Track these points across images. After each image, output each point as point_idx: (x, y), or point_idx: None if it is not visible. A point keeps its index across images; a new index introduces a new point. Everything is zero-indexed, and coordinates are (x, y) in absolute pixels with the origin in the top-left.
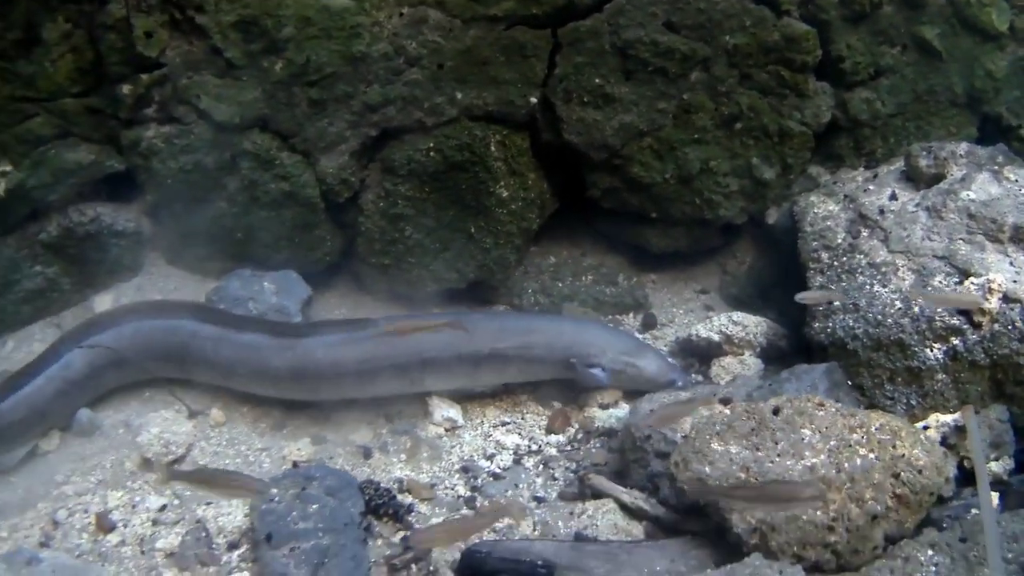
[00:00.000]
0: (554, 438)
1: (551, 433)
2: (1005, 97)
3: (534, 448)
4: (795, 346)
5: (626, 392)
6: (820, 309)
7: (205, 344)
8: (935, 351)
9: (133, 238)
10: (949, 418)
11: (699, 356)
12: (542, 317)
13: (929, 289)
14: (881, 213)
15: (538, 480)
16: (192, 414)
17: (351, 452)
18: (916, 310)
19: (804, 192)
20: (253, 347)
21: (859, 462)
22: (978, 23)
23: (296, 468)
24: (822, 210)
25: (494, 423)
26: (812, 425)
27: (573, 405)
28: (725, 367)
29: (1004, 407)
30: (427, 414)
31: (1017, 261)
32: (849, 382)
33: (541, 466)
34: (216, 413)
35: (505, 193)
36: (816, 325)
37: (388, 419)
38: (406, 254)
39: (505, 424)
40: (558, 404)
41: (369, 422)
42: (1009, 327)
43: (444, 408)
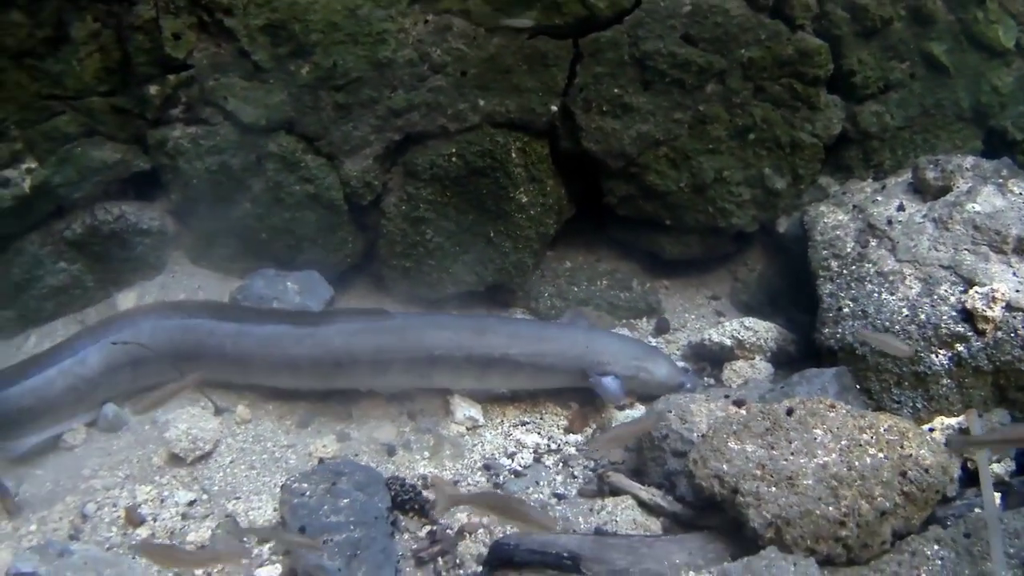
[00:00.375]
0: (573, 437)
1: (570, 433)
2: (1010, 112)
3: (553, 447)
4: (804, 351)
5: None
6: (830, 315)
7: (224, 340)
8: (940, 357)
9: (157, 237)
10: (953, 421)
11: (711, 360)
12: (555, 326)
13: (934, 297)
14: (889, 223)
15: (558, 478)
16: (218, 411)
17: (375, 449)
18: (923, 317)
19: (814, 202)
20: (273, 338)
21: (869, 461)
22: (985, 40)
23: (324, 464)
24: (832, 220)
25: (514, 423)
26: (824, 426)
27: (591, 406)
28: (736, 371)
29: (1006, 411)
30: (449, 413)
31: (1020, 271)
32: (857, 386)
33: (561, 464)
34: (242, 410)
35: (524, 199)
36: (826, 331)
37: (411, 417)
38: (427, 257)
39: (525, 424)
40: (576, 405)
41: (392, 420)
42: (1012, 335)
43: (466, 407)
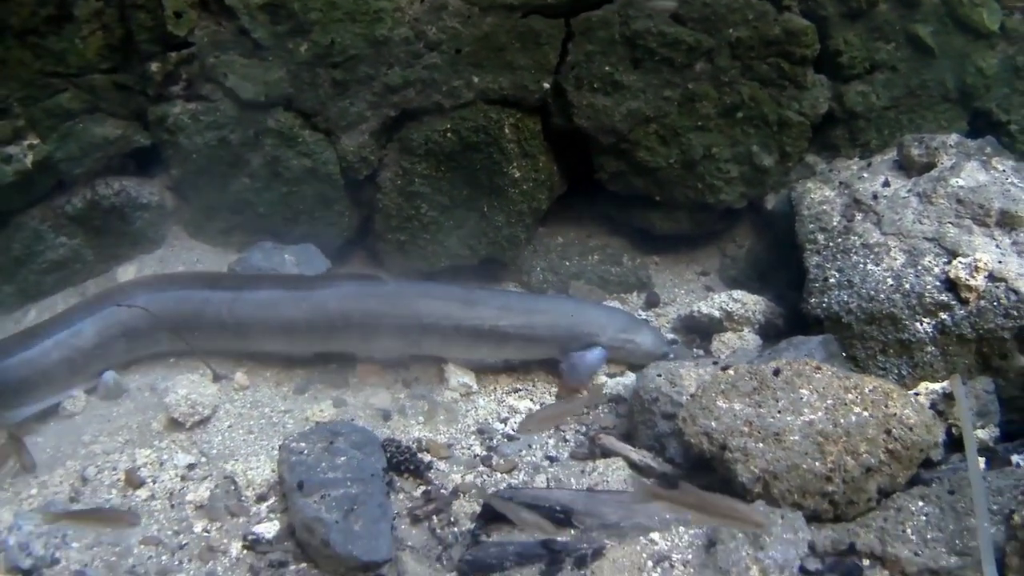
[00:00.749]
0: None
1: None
2: (995, 93)
3: None
4: (791, 324)
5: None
6: (816, 285)
7: (220, 308)
8: (925, 325)
9: (157, 211)
10: (938, 386)
11: (700, 332)
12: (544, 298)
13: (919, 268)
14: (874, 198)
15: (550, 441)
16: (217, 378)
17: (371, 415)
18: (907, 287)
19: (801, 179)
20: (268, 302)
21: (854, 419)
22: (970, 22)
23: (321, 425)
24: (818, 195)
25: (507, 390)
26: (810, 386)
27: None
28: (725, 342)
29: (990, 379)
30: (443, 380)
31: (1003, 243)
32: (844, 353)
33: (553, 429)
34: (240, 377)
35: (517, 174)
36: (813, 300)
37: (406, 384)
38: (421, 231)
39: (517, 391)
40: None
41: (388, 387)
42: (994, 303)
43: (460, 375)
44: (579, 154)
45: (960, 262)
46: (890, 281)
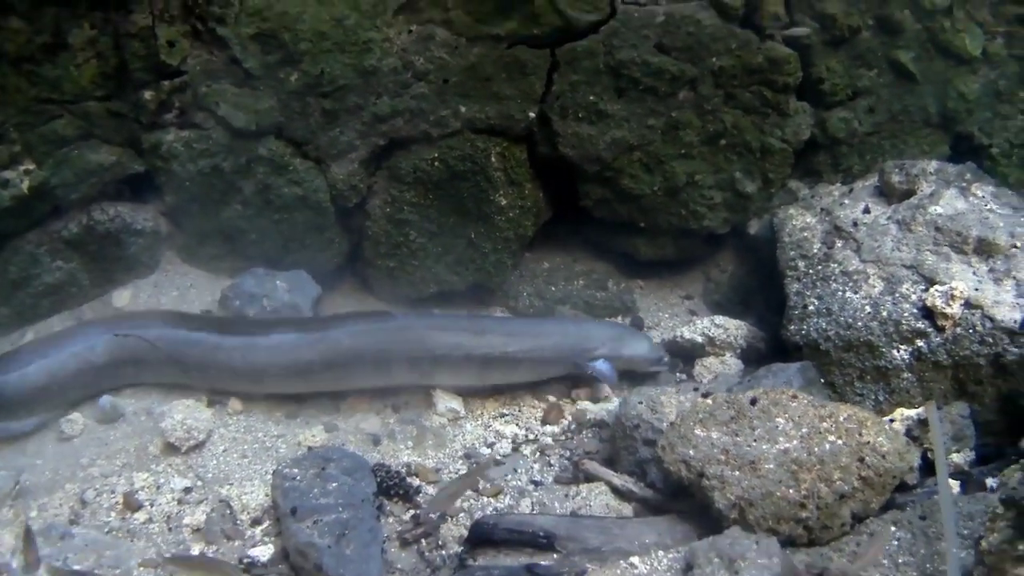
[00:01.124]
0: (549, 428)
1: (546, 424)
2: (977, 118)
3: (531, 437)
4: (773, 349)
5: (618, 384)
6: (796, 312)
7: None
8: (901, 352)
9: (151, 237)
10: (913, 412)
11: (683, 356)
12: (546, 321)
13: (896, 295)
14: (855, 225)
15: (535, 466)
16: (211, 403)
17: (361, 439)
18: (884, 314)
19: (784, 205)
20: (281, 346)
21: (828, 447)
22: (952, 48)
23: (313, 451)
24: (800, 222)
25: (493, 415)
26: (786, 414)
27: (567, 399)
28: (707, 367)
29: (965, 404)
30: (431, 405)
31: (980, 271)
32: (822, 380)
33: (538, 453)
34: (234, 402)
35: (504, 201)
36: (792, 327)
37: (395, 410)
38: (410, 257)
39: (504, 416)
40: (553, 398)
41: (377, 412)
42: (970, 331)
43: (447, 400)
44: (564, 182)
45: (937, 290)
46: (868, 309)
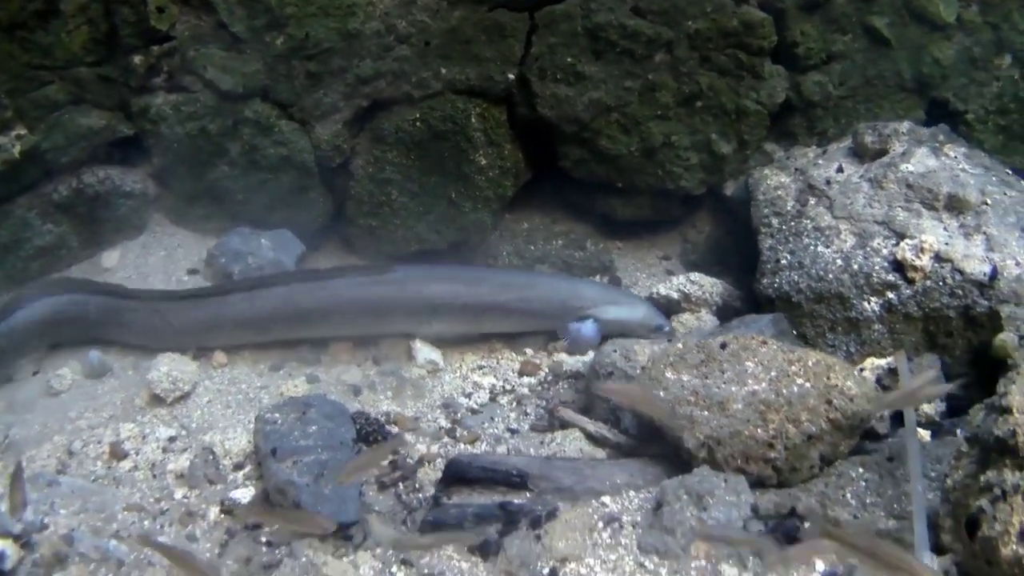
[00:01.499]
0: (526, 380)
1: (523, 376)
2: (952, 83)
3: (508, 388)
4: (749, 306)
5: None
6: (768, 266)
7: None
8: (872, 304)
9: (139, 198)
10: (883, 361)
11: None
12: (539, 274)
13: (867, 249)
14: (828, 183)
15: (512, 415)
16: (196, 356)
17: (342, 390)
18: (855, 267)
19: (759, 167)
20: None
21: (796, 389)
22: (926, 14)
23: (294, 398)
24: (774, 181)
25: (472, 367)
26: (755, 359)
27: (543, 352)
28: (683, 323)
29: (936, 356)
30: (411, 358)
31: (950, 226)
32: (794, 331)
33: (514, 403)
34: (218, 355)
35: (484, 161)
36: (764, 281)
37: (376, 362)
38: (392, 216)
39: (482, 368)
40: (530, 351)
41: (358, 364)
42: (940, 283)
43: (427, 352)
44: (543, 143)
45: (907, 244)
46: (839, 262)
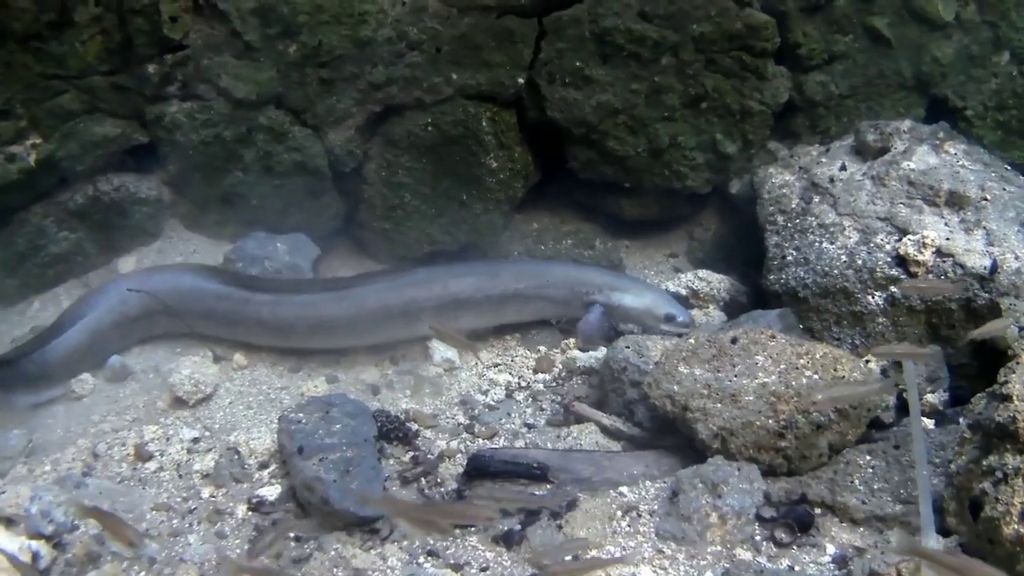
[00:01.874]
0: (541, 376)
1: (538, 372)
2: (952, 81)
3: (523, 384)
4: (755, 302)
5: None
6: (775, 263)
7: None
8: (876, 298)
9: (155, 205)
10: None
11: None
12: (552, 262)
13: (871, 245)
14: (831, 181)
15: (528, 410)
16: (217, 359)
17: (361, 389)
18: (859, 262)
19: (764, 165)
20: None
21: (805, 381)
22: (925, 14)
23: (316, 397)
24: (779, 179)
25: (487, 365)
26: (765, 352)
27: (557, 349)
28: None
29: (939, 347)
30: (427, 357)
31: (951, 222)
32: (800, 326)
33: (530, 399)
34: (239, 357)
35: (494, 164)
36: (771, 277)
37: (393, 361)
38: (405, 219)
39: (497, 365)
40: (544, 348)
41: (376, 364)
42: (942, 277)
43: (443, 350)
44: (552, 145)
45: (909, 239)
46: (844, 258)
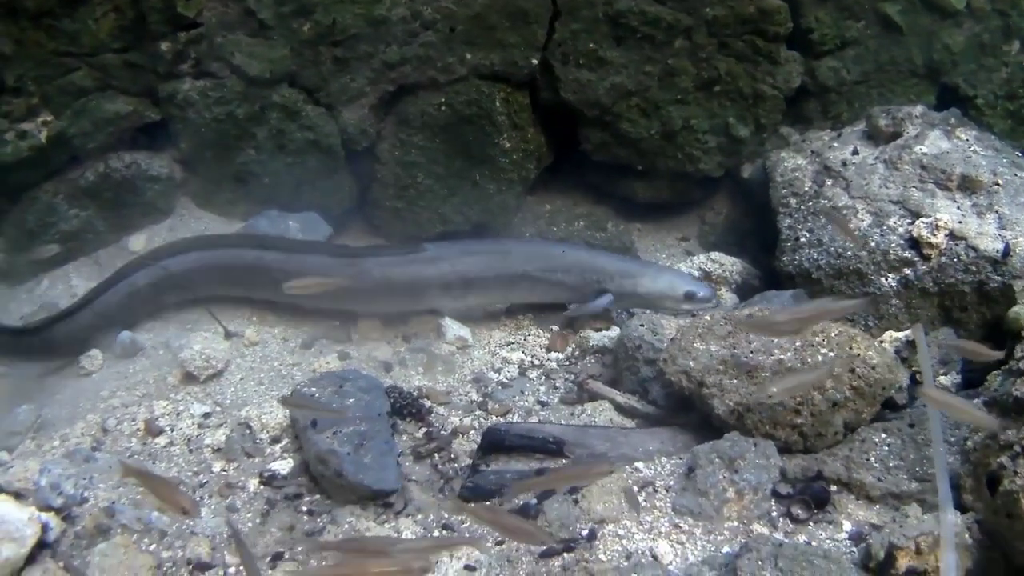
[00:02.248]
0: (554, 355)
1: (551, 351)
2: (962, 69)
3: (536, 363)
4: (767, 284)
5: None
6: (788, 244)
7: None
8: (889, 279)
9: (166, 183)
10: (901, 335)
11: None
12: (563, 244)
13: (884, 228)
14: (844, 165)
15: (541, 388)
16: (228, 335)
17: (374, 366)
18: (873, 245)
19: (776, 149)
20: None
21: (820, 358)
22: (937, 2)
23: (329, 372)
24: (791, 163)
25: (500, 343)
26: None
27: (570, 328)
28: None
29: (951, 330)
30: (440, 335)
31: (963, 205)
32: None
33: (543, 377)
34: (250, 333)
35: (508, 144)
36: (785, 258)
37: (405, 339)
38: (417, 199)
39: (510, 344)
40: (556, 327)
41: (388, 341)
42: (954, 260)
43: (456, 328)
44: (565, 126)
45: (922, 222)
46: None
